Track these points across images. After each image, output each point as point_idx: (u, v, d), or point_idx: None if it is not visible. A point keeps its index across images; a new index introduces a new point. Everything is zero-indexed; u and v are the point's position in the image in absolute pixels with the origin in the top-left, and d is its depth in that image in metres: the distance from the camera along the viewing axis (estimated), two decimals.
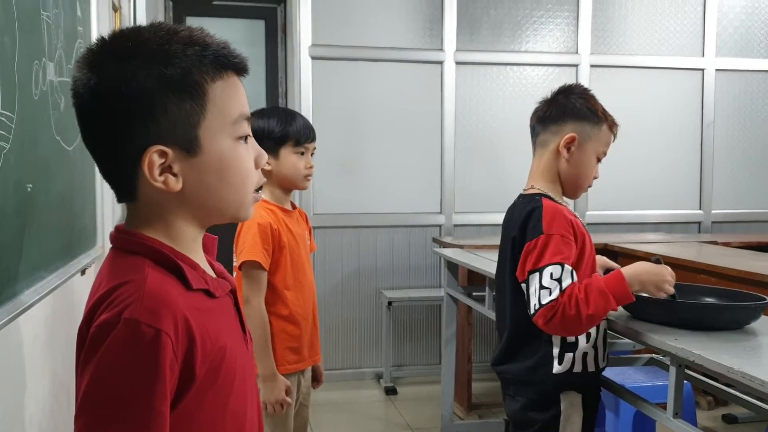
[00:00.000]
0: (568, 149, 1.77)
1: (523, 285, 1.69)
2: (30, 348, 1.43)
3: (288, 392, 1.91)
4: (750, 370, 1.40)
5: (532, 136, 1.87)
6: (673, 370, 1.70)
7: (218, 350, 0.84)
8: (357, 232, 4.13)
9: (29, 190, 1.30)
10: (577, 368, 1.73)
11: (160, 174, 0.83)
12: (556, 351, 1.73)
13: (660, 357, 2.26)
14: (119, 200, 0.88)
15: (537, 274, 1.64)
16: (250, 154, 0.89)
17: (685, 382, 1.74)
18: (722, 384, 2.04)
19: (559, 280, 1.61)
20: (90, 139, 0.85)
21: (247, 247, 1.90)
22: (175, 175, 0.84)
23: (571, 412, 1.74)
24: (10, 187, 1.21)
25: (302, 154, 1.99)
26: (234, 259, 1.97)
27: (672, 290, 1.71)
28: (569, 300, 1.59)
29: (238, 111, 0.87)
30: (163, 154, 0.82)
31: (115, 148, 0.83)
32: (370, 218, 4.14)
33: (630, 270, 1.66)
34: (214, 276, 0.92)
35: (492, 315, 3.24)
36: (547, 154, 1.81)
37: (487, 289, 3.08)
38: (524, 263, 1.68)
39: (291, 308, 1.97)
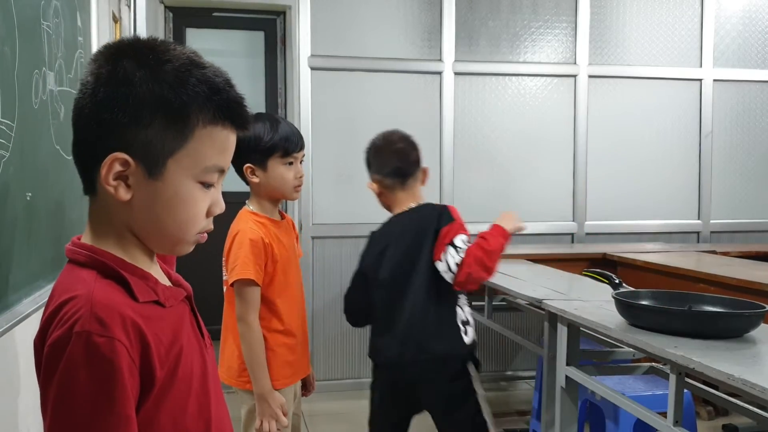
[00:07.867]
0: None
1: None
2: (27, 358, 1.42)
3: (283, 410, 1.85)
4: (750, 378, 1.40)
5: (400, 177, 2.39)
6: (673, 377, 1.70)
7: (173, 355, 0.85)
8: (356, 243, 4.11)
9: (28, 198, 1.31)
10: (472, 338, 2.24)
11: (114, 179, 0.84)
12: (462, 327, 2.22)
13: (660, 366, 2.26)
14: (84, 191, 0.90)
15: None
16: (206, 200, 0.90)
17: (685, 391, 1.74)
18: (723, 393, 2.04)
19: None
20: (79, 119, 0.87)
21: (240, 264, 1.83)
22: (128, 186, 0.85)
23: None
24: (10, 196, 1.21)
25: (291, 164, 1.93)
26: (224, 273, 1.92)
27: (523, 227, 2.22)
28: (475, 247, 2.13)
29: (214, 161, 0.89)
30: (125, 163, 0.84)
31: (94, 136, 0.85)
32: (369, 228, 4.12)
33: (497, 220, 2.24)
34: (168, 284, 0.94)
35: (492, 324, 3.23)
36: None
37: (486, 298, 3.07)
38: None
39: (285, 320, 1.93)
